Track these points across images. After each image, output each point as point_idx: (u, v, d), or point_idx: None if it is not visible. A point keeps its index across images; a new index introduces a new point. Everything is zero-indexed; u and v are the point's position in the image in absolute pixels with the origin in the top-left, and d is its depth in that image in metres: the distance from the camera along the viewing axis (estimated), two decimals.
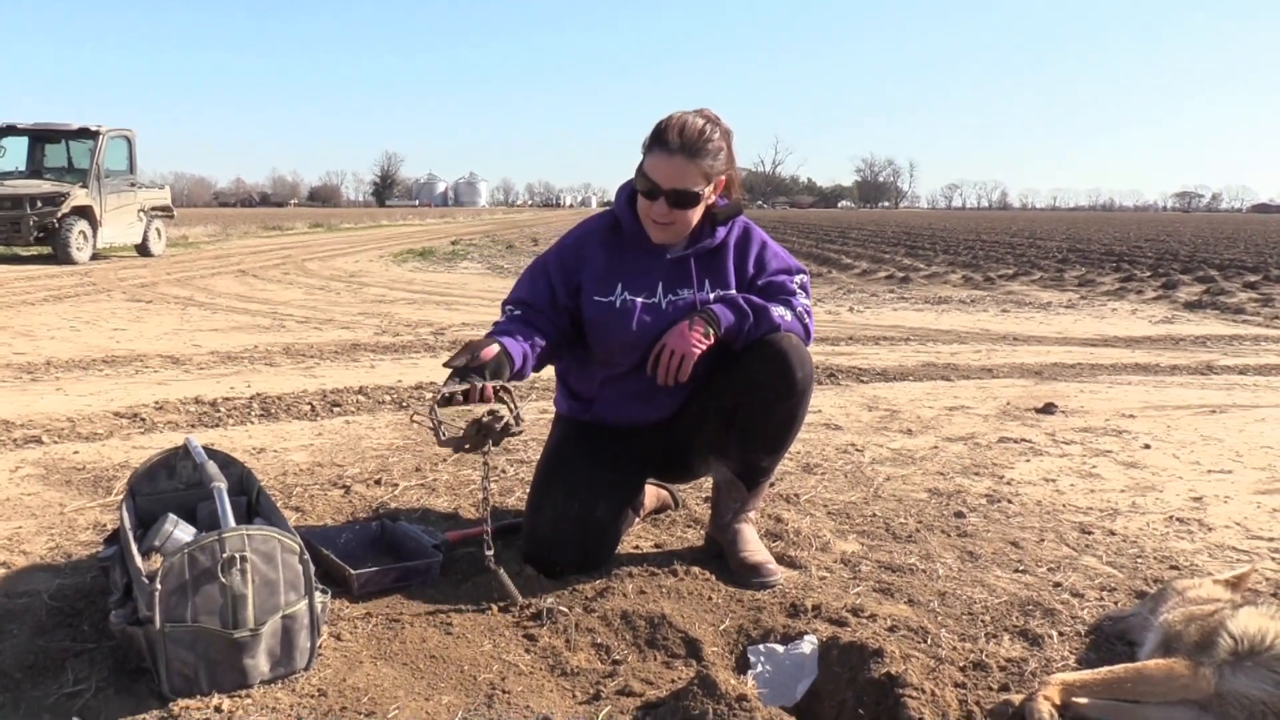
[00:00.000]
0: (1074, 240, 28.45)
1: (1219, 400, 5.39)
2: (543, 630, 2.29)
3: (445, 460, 3.83)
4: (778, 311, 2.65)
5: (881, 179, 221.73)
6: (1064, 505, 3.42)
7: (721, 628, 2.32)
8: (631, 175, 2.67)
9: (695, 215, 2.60)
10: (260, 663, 1.98)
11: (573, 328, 2.69)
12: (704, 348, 2.56)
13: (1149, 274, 15.24)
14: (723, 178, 2.62)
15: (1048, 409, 5.03)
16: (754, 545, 2.72)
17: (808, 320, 2.74)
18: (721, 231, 2.70)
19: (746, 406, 2.62)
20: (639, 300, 2.66)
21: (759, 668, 2.12)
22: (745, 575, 2.62)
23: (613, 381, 2.74)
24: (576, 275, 2.69)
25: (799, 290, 2.78)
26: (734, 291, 2.69)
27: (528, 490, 2.86)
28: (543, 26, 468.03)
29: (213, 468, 2.35)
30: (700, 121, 2.54)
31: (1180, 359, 7.06)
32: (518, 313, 2.66)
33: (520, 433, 2.43)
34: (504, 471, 3.70)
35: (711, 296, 2.68)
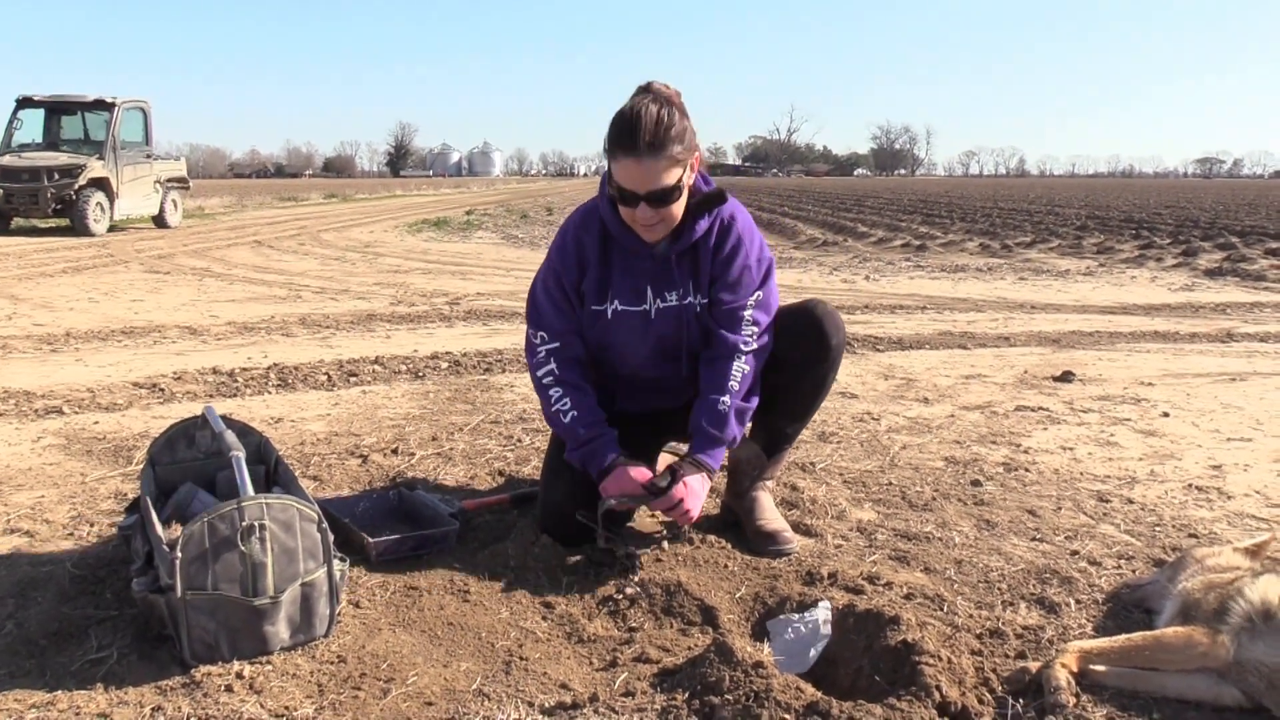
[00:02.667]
0: (1093, 207, 28.17)
1: (1239, 368, 5.35)
2: (560, 597, 2.31)
3: (461, 429, 3.84)
4: (739, 394, 2.55)
5: (898, 146, 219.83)
6: (1082, 473, 3.40)
7: (738, 595, 2.32)
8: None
9: (680, 206, 2.49)
10: (280, 630, 2.00)
11: None
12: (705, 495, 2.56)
13: (1169, 241, 15.07)
14: (695, 156, 2.49)
15: (1065, 377, 4.99)
16: (771, 513, 2.73)
17: (750, 371, 2.58)
18: (701, 225, 2.55)
19: (775, 372, 2.62)
20: (629, 309, 2.60)
21: (775, 636, 2.13)
22: (761, 543, 2.63)
23: (623, 379, 2.74)
24: (579, 283, 2.62)
25: (754, 310, 2.60)
26: (727, 432, 2.54)
27: (542, 460, 2.87)
28: None
29: (231, 437, 2.36)
30: (654, 109, 2.38)
31: (1200, 326, 6.99)
32: (568, 359, 2.61)
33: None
34: (520, 440, 3.71)
35: (699, 304, 2.60)
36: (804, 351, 2.63)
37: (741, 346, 2.56)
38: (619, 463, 2.51)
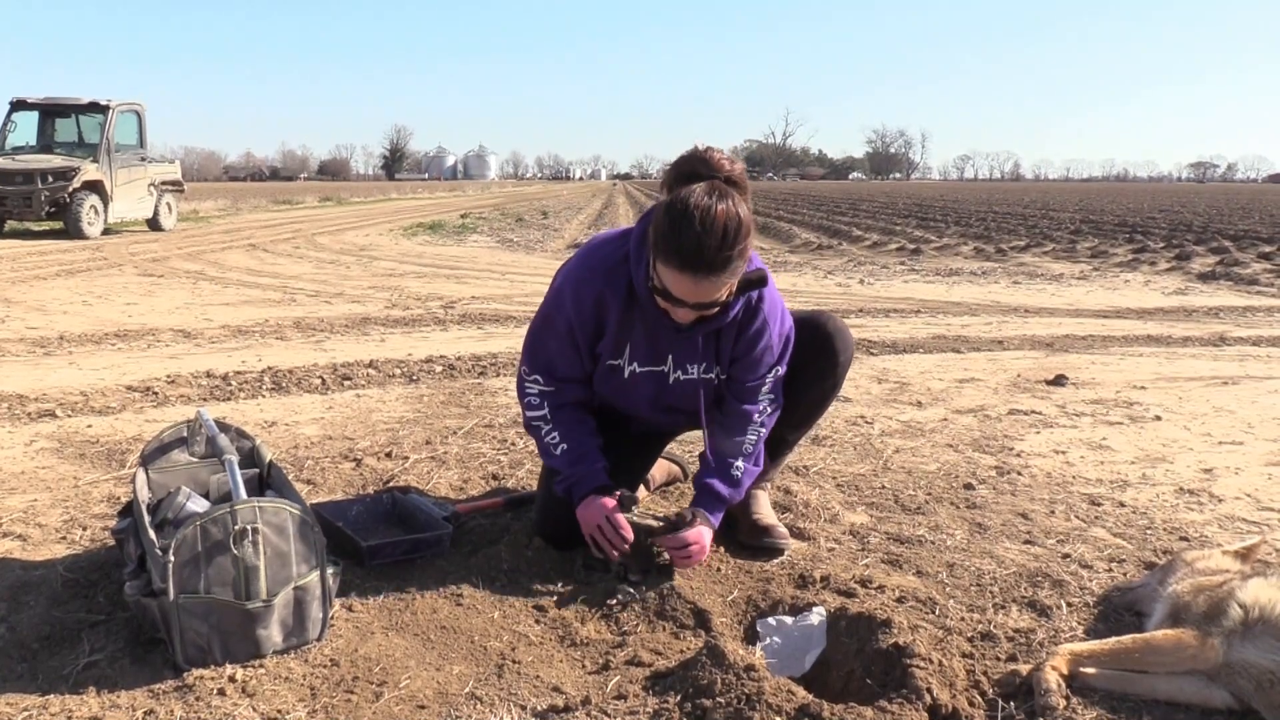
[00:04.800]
0: (1087, 211, 28.23)
1: (1231, 372, 5.37)
2: (552, 601, 2.31)
3: (455, 433, 3.85)
4: (749, 464, 2.54)
5: (893, 150, 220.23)
6: (1074, 477, 3.41)
7: (730, 599, 2.33)
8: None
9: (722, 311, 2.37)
10: (273, 633, 2.00)
11: None
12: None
13: (1162, 245, 15.10)
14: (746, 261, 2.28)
15: (1058, 381, 5.01)
16: (766, 509, 2.76)
17: (762, 438, 2.57)
18: (735, 309, 2.39)
19: (785, 384, 2.62)
20: (647, 371, 2.53)
21: (768, 639, 2.14)
22: (757, 537, 2.63)
23: (638, 418, 2.72)
24: (597, 339, 2.51)
25: (771, 384, 2.55)
26: (732, 492, 2.52)
27: (537, 463, 2.87)
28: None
29: (224, 440, 2.36)
30: (723, 215, 2.14)
31: (1193, 330, 7.02)
32: (563, 404, 2.54)
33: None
34: (514, 444, 3.72)
35: (719, 378, 2.56)
36: (812, 365, 2.64)
37: (756, 416, 2.54)
38: (596, 492, 2.46)
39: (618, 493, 2.46)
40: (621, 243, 2.45)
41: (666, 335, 2.46)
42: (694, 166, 2.28)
